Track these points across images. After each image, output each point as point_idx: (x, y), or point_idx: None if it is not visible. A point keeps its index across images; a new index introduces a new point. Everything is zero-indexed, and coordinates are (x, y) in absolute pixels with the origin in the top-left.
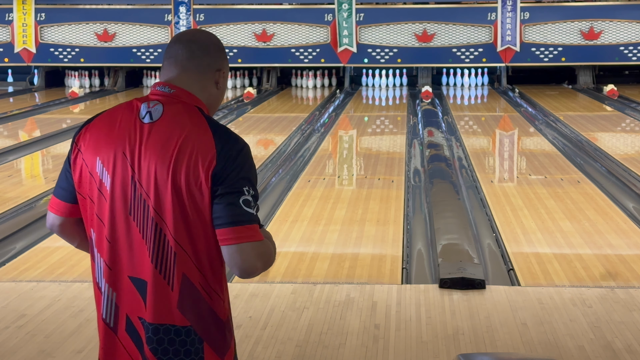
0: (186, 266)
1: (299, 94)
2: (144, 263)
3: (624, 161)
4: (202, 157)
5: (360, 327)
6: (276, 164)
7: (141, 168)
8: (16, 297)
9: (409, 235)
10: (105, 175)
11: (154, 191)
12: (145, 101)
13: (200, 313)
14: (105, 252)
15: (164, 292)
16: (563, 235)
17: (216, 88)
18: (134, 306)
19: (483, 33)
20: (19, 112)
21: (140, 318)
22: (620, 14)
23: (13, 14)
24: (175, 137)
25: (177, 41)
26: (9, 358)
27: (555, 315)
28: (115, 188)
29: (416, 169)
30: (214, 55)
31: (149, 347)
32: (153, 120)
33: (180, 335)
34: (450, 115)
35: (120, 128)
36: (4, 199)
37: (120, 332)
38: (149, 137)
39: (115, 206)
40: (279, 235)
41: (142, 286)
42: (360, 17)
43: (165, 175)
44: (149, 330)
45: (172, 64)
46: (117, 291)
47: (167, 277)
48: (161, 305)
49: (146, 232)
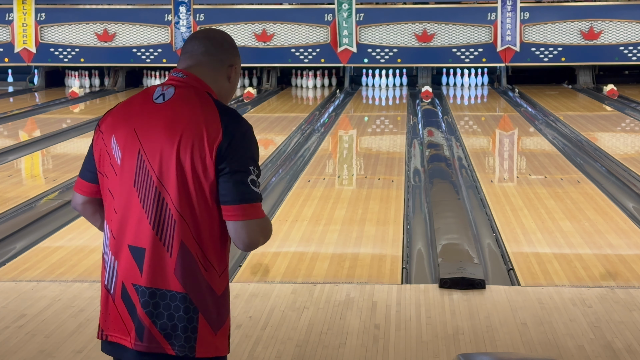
0: (185, 235)
1: (299, 94)
2: (144, 231)
3: (624, 161)
4: (208, 132)
5: (360, 327)
6: (276, 163)
7: (148, 142)
8: (16, 297)
9: (409, 235)
10: (117, 151)
11: (159, 163)
12: (160, 86)
13: (196, 283)
14: (113, 222)
15: (162, 258)
16: (563, 235)
17: (228, 82)
18: (130, 274)
19: (483, 33)
20: (19, 112)
21: (134, 284)
22: (620, 14)
23: (13, 14)
24: (183, 114)
25: (194, 38)
26: (9, 358)
27: (555, 315)
28: (123, 162)
29: (416, 169)
30: (228, 52)
31: (145, 310)
32: (165, 101)
33: (175, 300)
34: (450, 115)
35: (135, 109)
36: (4, 199)
37: (117, 298)
38: (159, 114)
39: (123, 179)
40: (279, 235)
41: (140, 254)
42: (360, 17)
43: (170, 148)
44: (145, 294)
45: (188, 58)
46: (118, 260)
47: (166, 243)
48: (159, 270)
49: (148, 201)
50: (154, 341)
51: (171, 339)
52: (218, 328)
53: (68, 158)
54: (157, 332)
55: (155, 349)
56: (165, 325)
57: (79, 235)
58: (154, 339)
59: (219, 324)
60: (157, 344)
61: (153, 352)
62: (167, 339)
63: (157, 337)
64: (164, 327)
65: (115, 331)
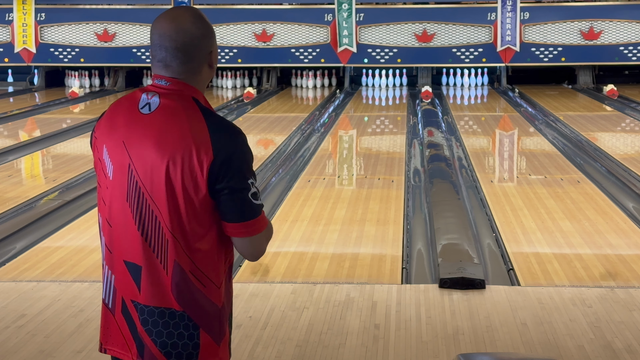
0: (178, 254)
1: (299, 94)
2: (138, 248)
3: (624, 161)
4: (197, 151)
5: (360, 327)
6: (276, 164)
7: (138, 157)
8: (16, 297)
9: (409, 235)
10: (109, 162)
11: (150, 180)
12: (145, 92)
13: (194, 300)
14: (106, 235)
15: (159, 275)
16: (563, 235)
17: (209, 68)
18: (128, 290)
19: (483, 33)
20: (19, 112)
21: (133, 301)
22: (620, 14)
23: (13, 14)
24: (171, 129)
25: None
26: (9, 358)
27: (555, 315)
28: (115, 174)
29: (416, 169)
30: (205, 38)
31: (144, 328)
32: (151, 111)
33: (174, 318)
34: (450, 115)
35: (123, 118)
36: (4, 199)
37: (117, 313)
38: (146, 128)
39: (115, 192)
40: (279, 235)
41: (136, 270)
42: (360, 17)
43: (160, 165)
44: (144, 312)
45: (163, 67)
46: (115, 274)
47: (162, 261)
48: (156, 288)
49: (141, 218)
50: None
51: (171, 357)
52: (221, 339)
53: (68, 158)
54: (157, 350)
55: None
56: (165, 344)
57: (79, 235)
58: (155, 358)
59: (222, 335)
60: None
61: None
62: (167, 358)
63: (157, 356)
64: (164, 346)
65: (115, 346)
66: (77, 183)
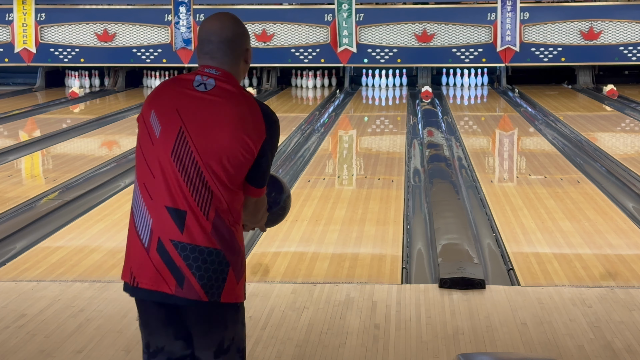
0: (219, 205)
1: (298, 94)
2: (184, 197)
3: (624, 161)
4: (254, 128)
5: (360, 327)
6: (276, 164)
7: (193, 125)
8: (16, 297)
9: (409, 235)
10: (157, 124)
11: (203, 145)
12: (198, 74)
13: (227, 241)
14: (150, 185)
15: (200, 220)
16: (563, 235)
17: (246, 64)
18: (168, 231)
19: (483, 33)
20: (19, 112)
21: (173, 241)
22: (620, 14)
23: (13, 14)
24: (229, 106)
25: (211, 33)
26: (9, 358)
27: (555, 315)
28: (162, 134)
29: (416, 169)
30: (243, 37)
31: (186, 263)
32: (207, 90)
33: (212, 255)
34: (450, 115)
35: (175, 92)
36: (4, 199)
37: (151, 251)
38: (203, 102)
39: (160, 148)
40: (279, 235)
41: (180, 215)
42: (360, 17)
43: (219, 136)
44: (186, 249)
45: (209, 58)
46: (153, 218)
47: (203, 208)
48: (198, 230)
49: (188, 172)
50: (192, 289)
51: (206, 288)
52: (240, 278)
53: (68, 158)
54: (196, 282)
55: (193, 296)
56: (202, 277)
57: (79, 235)
58: (193, 288)
59: (241, 274)
60: (195, 292)
61: (191, 299)
62: (203, 288)
63: (195, 286)
64: (202, 278)
65: (149, 279)
66: (77, 183)
